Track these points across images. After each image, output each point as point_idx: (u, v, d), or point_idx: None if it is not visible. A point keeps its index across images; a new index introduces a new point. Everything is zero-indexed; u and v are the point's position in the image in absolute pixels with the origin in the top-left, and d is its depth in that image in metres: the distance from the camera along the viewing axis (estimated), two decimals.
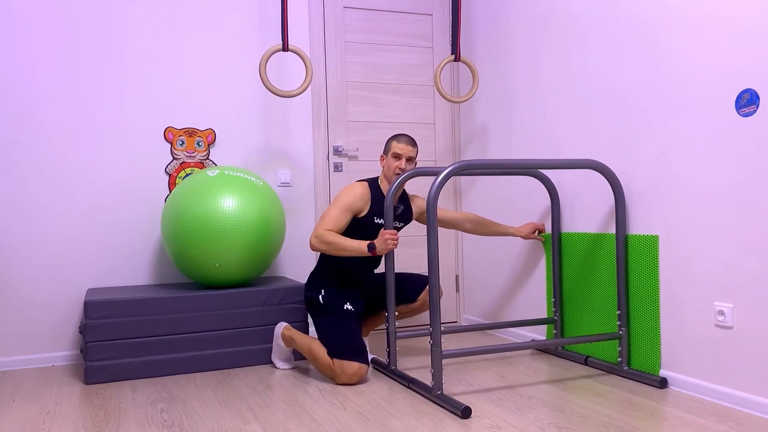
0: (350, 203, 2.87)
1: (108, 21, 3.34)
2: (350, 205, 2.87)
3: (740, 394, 2.33)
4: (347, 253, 2.77)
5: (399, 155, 2.93)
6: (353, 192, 2.89)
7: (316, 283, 2.97)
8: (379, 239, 2.76)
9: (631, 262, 2.75)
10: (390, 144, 2.97)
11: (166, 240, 3.10)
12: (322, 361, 2.77)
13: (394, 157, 2.94)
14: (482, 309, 3.88)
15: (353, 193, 2.89)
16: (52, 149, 3.24)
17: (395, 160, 2.93)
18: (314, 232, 2.81)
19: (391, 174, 2.95)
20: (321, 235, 2.78)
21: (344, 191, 2.90)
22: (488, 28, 3.75)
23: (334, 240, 2.76)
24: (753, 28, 2.25)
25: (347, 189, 2.91)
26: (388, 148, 2.98)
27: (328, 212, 2.84)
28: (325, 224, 2.81)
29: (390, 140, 2.98)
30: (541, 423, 2.21)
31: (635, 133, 2.74)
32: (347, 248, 2.76)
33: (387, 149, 2.99)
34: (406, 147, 2.95)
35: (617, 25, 2.82)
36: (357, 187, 2.91)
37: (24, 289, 3.20)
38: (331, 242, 2.76)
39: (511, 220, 3.57)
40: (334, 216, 2.83)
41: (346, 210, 2.85)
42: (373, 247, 2.75)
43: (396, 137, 2.97)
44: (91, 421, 2.34)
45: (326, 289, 2.93)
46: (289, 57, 3.68)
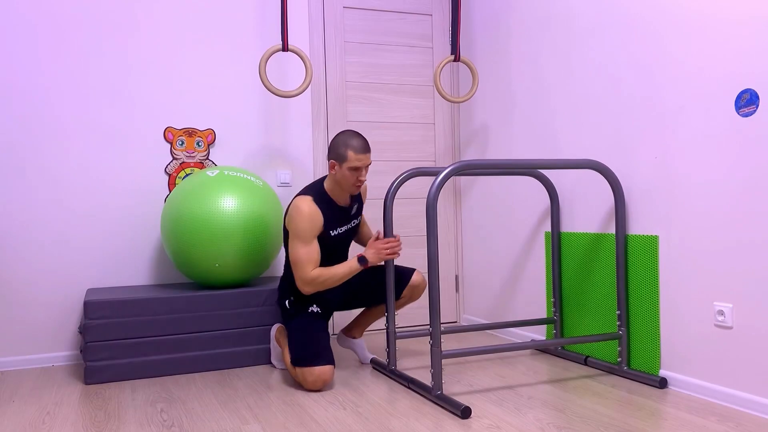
0: (311, 229, 2.65)
1: (108, 21, 3.33)
2: (311, 231, 2.65)
3: (740, 394, 2.33)
4: (343, 280, 2.69)
5: (358, 168, 2.66)
6: (307, 217, 2.64)
7: (285, 290, 2.87)
8: (369, 250, 2.67)
9: (631, 262, 2.75)
10: (346, 153, 2.63)
11: (165, 240, 3.10)
12: (290, 369, 2.75)
13: (352, 170, 2.66)
14: (482, 309, 3.88)
15: (308, 219, 2.64)
16: (52, 149, 3.24)
17: (353, 172, 2.67)
18: (302, 279, 2.64)
19: (348, 185, 2.70)
20: (312, 279, 2.64)
21: (297, 220, 2.63)
22: (488, 28, 3.75)
23: (326, 277, 2.65)
24: (753, 28, 2.25)
25: (298, 217, 2.64)
26: (342, 157, 2.64)
27: (299, 252, 2.63)
28: (307, 267, 2.64)
29: (344, 147, 2.63)
30: (541, 423, 2.21)
31: (635, 133, 2.75)
32: (342, 276, 2.67)
33: (340, 157, 2.64)
34: (365, 157, 2.66)
35: (617, 24, 2.82)
36: (305, 209, 2.64)
37: (24, 289, 3.20)
38: (324, 281, 2.65)
39: (511, 220, 3.57)
40: (307, 254, 2.64)
41: (311, 239, 2.66)
42: (364, 260, 2.67)
43: (351, 145, 2.63)
44: (91, 421, 2.34)
45: (295, 295, 2.81)
46: (289, 57, 3.68)
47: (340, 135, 2.70)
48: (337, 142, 2.67)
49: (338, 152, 2.66)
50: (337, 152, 2.66)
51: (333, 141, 2.71)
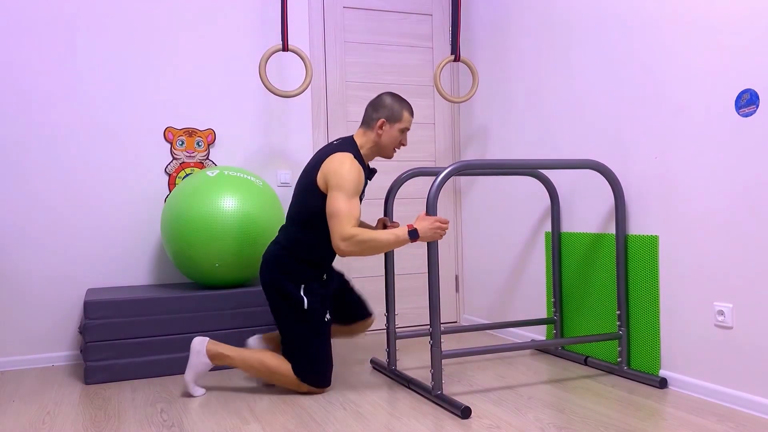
0: (358, 184, 2.42)
1: (108, 21, 3.33)
2: (358, 186, 2.42)
3: (740, 394, 2.33)
4: (385, 249, 2.37)
5: (406, 130, 2.56)
6: (357, 172, 2.42)
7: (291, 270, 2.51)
8: (423, 224, 2.36)
9: (631, 262, 2.75)
10: (401, 113, 2.53)
11: (165, 240, 3.10)
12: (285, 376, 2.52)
13: (402, 131, 2.55)
14: (482, 309, 3.88)
15: (357, 174, 2.42)
16: (52, 149, 3.24)
17: (401, 135, 2.55)
18: (341, 234, 2.34)
19: (390, 148, 2.56)
20: (352, 235, 2.33)
21: (346, 172, 2.40)
22: (488, 28, 3.75)
23: (368, 238, 2.33)
24: (753, 28, 2.25)
25: (348, 169, 2.40)
26: (397, 116, 2.52)
27: (342, 204, 2.36)
28: (348, 221, 2.35)
29: (399, 106, 2.53)
30: (541, 423, 2.21)
31: (635, 133, 2.75)
32: (386, 244, 2.35)
33: (394, 117, 2.52)
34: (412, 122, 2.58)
35: (617, 24, 2.82)
36: (355, 164, 2.43)
37: (24, 289, 3.20)
38: (367, 241, 2.33)
39: (511, 220, 3.57)
40: (351, 207, 2.37)
41: (356, 194, 2.41)
42: (415, 234, 2.35)
43: (408, 107, 2.55)
44: (91, 421, 2.34)
45: (308, 285, 2.51)
46: (289, 57, 3.68)
47: (389, 95, 2.55)
48: (389, 102, 2.52)
49: (393, 111, 2.51)
50: (391, 111, 2.51)
51: (380, 101, 2.55)
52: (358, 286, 3.85)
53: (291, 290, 2.50)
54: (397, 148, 2.60)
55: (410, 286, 3.98)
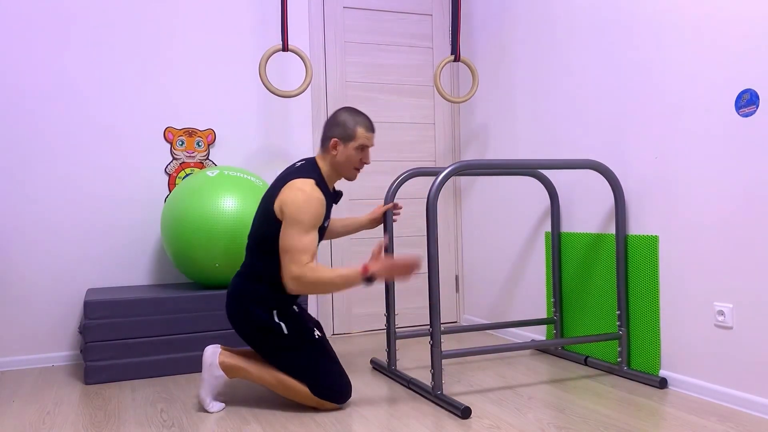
0: (316, 218, 2.25)
1: (108, 21, 3.33)
2: (316, 220, 2.25)
3: (740, 394, 2.33)
4: (336, 290, 2.25)
5: (365, 148, 2.37)
6: (316, 203, 2.25)
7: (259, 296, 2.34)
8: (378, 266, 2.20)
9: (631, 262, 2.75)
10: (354, 130, 2.33)
11: (165, 240, 3.10)
12: (304, 395, 2.35)
13: (359, 149, 2.36)
14: (482, 309, 3.88)
15: (317, 205, 2.25)
16: (52, 149, 3.24)
17: (360, 152, 2.37)
18: (289, 272, 2.21)
19: (350, 169, 2.38)
20: (300, 276, 2.20)
21: (304, 205, 2.23)
22: (488, 28, 3.75)
23: (318, 281, 2.21)
24: (753, 28, 2.25)
25: (306, 201, 2.23)
26: (349, 135, 2.33)
27: (296, 240, 2.21)
28: (301, 257, 2.20)
29: (356, 124, 2.34)
30: (541, 423, 2.21)
31: (635, 133, 2.74)
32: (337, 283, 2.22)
33: (347, 135, 2.33)
34: (373, 137, 2.38)
35: (617, 24, 2.82)
36: (315, 195, 2.26)
37: (24, 289, 3.20)
38: (316, 280, 2.20)
39: (511, 220, 3.57)
40: (306, 245, 2.21)
41: (313, 228, 2.25)
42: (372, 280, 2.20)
43: (363, 122, 2.35)
44: (91, 422, 2.34)
45: (281, 309, 2.35)
46: (289, 57, 3.67)
47: (344, 111, 2.38)
48: (342, 119, 2.35)
49: (346, 128, 2.33)
50: (344, 128, 2.34)
51: (334, 118, 2.39)
52: None
53: (264, 318, 2.32)
54: (359, 168, 2.40)
55: (410, 286, 3.98)
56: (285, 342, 2.34)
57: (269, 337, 2.34)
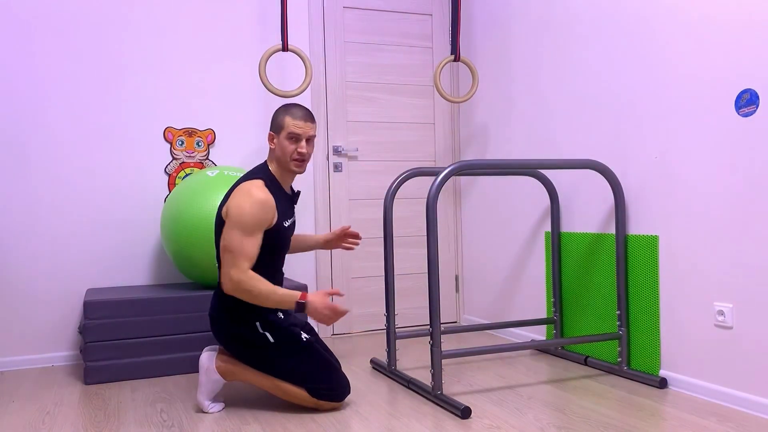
0: (259, 220, 2.22)
1: (108, 21, 3.33)
2: (259, 222, 2.23)
3: (740, 394, 2.33)
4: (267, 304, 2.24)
5: (297, 136, 2.32)
6: (258, 204, 2.22)
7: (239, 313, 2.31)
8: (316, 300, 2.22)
9: (631, 262, 2.75)
10: (282, 120, 2.32)
11: (165, 240, 3.10)
12: (301, 397, 2.36)
13: (290, 138, 2.31)
14: (482, 309, 3.88)
15: (259, 206, 2.22)
16: (52, 149, 3.24)
17: (292, 142, 2.32)
18: (228, 273, 2.21)
19: (288, 160, 2.33)
20: (239, 281, 2.19)
21: (245, 206, 2.21)
22: (488, 28, 3.75)
23: (254, 290, 2.20)
24: (753, 28, 2.25)
25: (247, 202, 2.21)
26: (279, 125, 2.33)
27: (236, 242, 2.20)
28: (241, 260, 2.19)
29: (281, 114, 2.34)
30: (541, 423, 2.21)
31: (635, 133, 2.74)
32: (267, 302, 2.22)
33: (277, 126, 2.33)
34: (305, 124, 2.32)
35: (617, 24, 2.82)
36: (259, 195, 2.23)
37: (24, 288, 3.20)
38: (250, 292, 2.20)
39: (511, 219, 3.57)
40: (246, 245, 2.20)
41: (256, 231, 2.23)
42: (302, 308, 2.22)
43: (288, 110, 2.33)
44: (91, 422, 2.34)
45: (263, 320, 2.32)
46: (288, 57, 3.67)
47: (280, 107, 2.40)
48: (276, 113, 2.37)
49: (276, 120, 2.35)
50: (274, 121, 2.36)
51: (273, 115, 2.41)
52: (358, 286, 3.85)
53: (248, 333, 2.31)
54: (297, 159, 2.34)
55: (410, 286, 3.98)
56: (274, 351, 2.33)
57: (257, 350, 2.34)
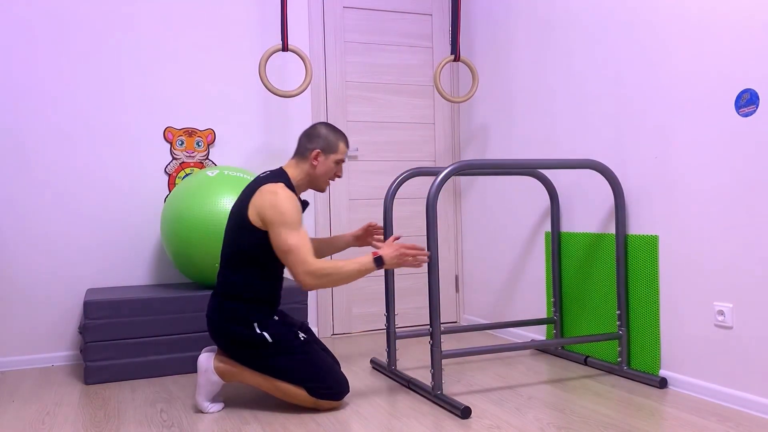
0: (298, 214, 2.31)
1: (108, 21, 3.33)
2: (299, 216, 2.31)
3: (740, 394, 2.33)
4: (351, 280, 2.29)
5: (342, 162, 2.50)
6: (293, 199, 2.32)
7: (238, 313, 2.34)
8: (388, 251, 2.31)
9: (631, 262, 2.75)
10: (337, 145, 2.46)
11: (165, 240, 3.10)
12: (300, 397, 2.36)
13: (337, 163, 2.48)
14: (482, 309, 3.88)
15: (294, 201, 2.32)
16: (52, 149, 3.24)
17: (337, 166, 2.48)
18: (305, 270, 2.24)
19: (325, 180, 2.48)
20: (317, 269, 2.24)
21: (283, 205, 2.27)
22: (488, 28, 3.75)
23: (334, 271, 2.26)
24: (753, 28, 2.25)
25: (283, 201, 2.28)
26: (332, 148, 2.45)
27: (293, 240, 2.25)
28: (307, 255, 2.25)
29: (338, 140, 2.46)
30: (541, 423, 2.21)
31: (635, 133, 2.74)
32: (351, 273, 2.27)
33: (330, 148, 2.45)
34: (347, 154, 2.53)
35: (617, 24, 2.82)
36: (288, 194, 2.32)
37: (24, 289, 3.20)
38: (332, 274, 2.26)
39: (511, 220, 3.57)
40: (303, 239, 2.27)
41: (300, 224, 2.31)
42: (380, 262, 2.28)
43: (344, 138, 2.49)
44: (91, 421, 2.34)
45: (261, 322, 2.35)
46: (288, 57, 3.67)
47: (323, 126, 2.48)
48: (325, 132, 2.45)
49: (329, 142, 2.44)
50: (327, 141, 2.44)
51: (315, 130, 2.46)
52: (358, 286, 3.85)
53: (246, 333, 2.32)
54: (332, 180, 2.50)
55: (410, 286, 3.99)
56: (271, 350, 2.34)
57: (256, 350, 2.34)
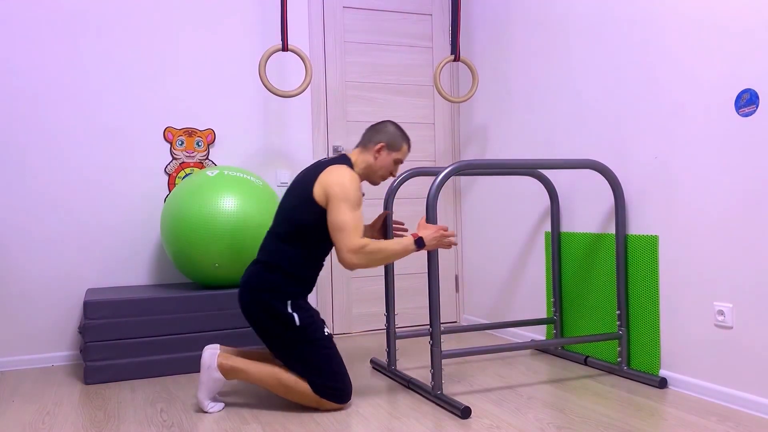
0: (358, 194, 2.36)
1: (108, 21, 3.33)
2: (360, 198, 2.37)
3: (740, 394, 2.33)
4: (394, 259, 2.36)
5: (400, 162, 2.59)
6: (358, 183, 2.39)
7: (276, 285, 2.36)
8: (427, 232, 2.36)
9: (631, 262, 2.75)
10: (401, 145, 2.55)
11: (165, 240, 3.10)
12: (303, 394, 2.36)
13: (396, 162, 2.56)
14: (482, 309, 3.88)
15: (357, 183, 2.38)
16: (52, 149, 3.24)
17: (394, 165, 2.57)
18: (350, 247, 2.28)
19: (380, 174, 2.55)
20: (361, 247, 2.29)
21: (348, 184, 2.35)
22: (488, 28, 3.75)
23: (378, 248, 2.31)
24: (753, 28, 2.25)
25: (350, 181, 2.36)
26: (397, 145, 2.54)
27: (348, 216, 2.31)
28: (355, 233, 2.30)
29: (401, 137, 2.55)
30: (541, 423, 2.21)
31: (635, 133, 2.75)
32: (394, 253, 2.33)
33: (395, 145, 2.53)
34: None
35: (617, 24, 2.82)
36: (355, 176, 2.40)
37: (24, 289, 3.20)
38: (376, 252, 2.30)
39: (511, 220, 3.57)
40: (356, 219, 2.32)
41: (359, 206, 2.36)
42: (421, 243, 2.35)
43: (407, 139, 2.58)
44: (91, 421, 2.34)
45: (295, 301, 2.37)
46: (288, 57, 3.67)
47: (392, 124, 2.56)
48: (393, 130, 2.54)
49: (394, 139, 2.53)
50: (393, 139, 2.52)
51: (383, 126, 2.55)
52: (358, 286, 3.85)
53: (278, 307, 2.34)
54: (386, 177, 2.56)
55: (410, 286, 3.99)
56: (295, 334, 2.34)
57: (280, 328, 2.34)
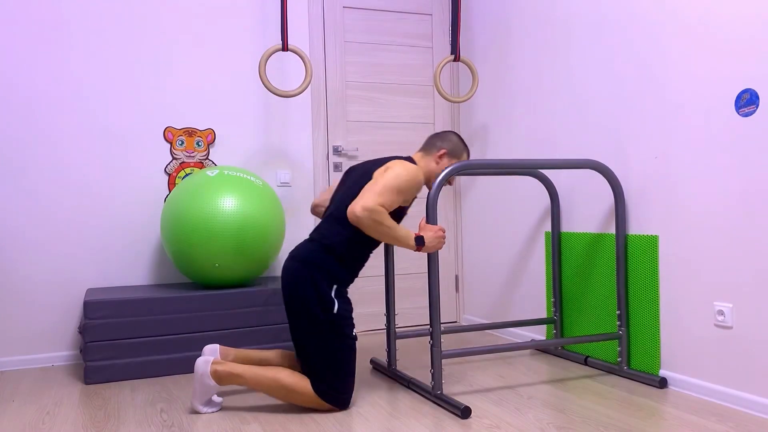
0: (409, 188, 2.39)
1: (108, 21, 3.33)
2: (408, 189, 2.38)
3: (740, 394, 2.33)
4: (391, 241, 2.34)
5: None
6: (416, 178, 2.41)
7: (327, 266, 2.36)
8: (428, 234, 2.38)
9: (631, 262, 2.75)
10: (462, 155, 2.63)
11: (165, 240, 3.10)
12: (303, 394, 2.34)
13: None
14: (482, 309, 3.88)
15: (416, 179, 2.41)
16: (52, 149, 3.24)
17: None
18: (363, 203, 2.27)
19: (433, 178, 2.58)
20: (374, 209, 2.27)
21: (405, 175, 2.37)
22: (488, 28, 3.75)
23: (385, 221, 2.29)
24: (753, 28, 2.25)
25: (411, 171, 2.40)
26: (457, 155, 2.61)
27: (385, 187, 2.32)
28: (379, 199, 2.29)
29: (463, 151, 2.64)
30: (541, 423, 2.21)
31: (635, 133, 2.75)
32: (395, 236, 2.32)
33: (456, 154, 2.61)
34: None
35: (617, 24, 2.82)
36: (419, 176, 2.42)
37: (24, 289, 3.20)
38: (381, 223, 2.28)
39: (511, 219, 3.57)
40: (385, 195, 2.31)
41: (401, 193, 2.37)
42: (422, 242, 2.37)
43: (469, 152, 2.68)
44: (91, 421, 2.34)
45: (340, 287, 2.38)
46: (288, 57, 3.68)
47: (455, 134, 2.64)
48: (456, 139, 2.62)
49: (456, 148, 2.61)
50: (455, 147, 2.60)
51: (447, 135, 2.62)
52: (358, 286, 3.85)
53: (322, 288, 2.33)
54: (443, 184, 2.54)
55: (410, 286, 3.99)
56: (328, 322, 2.32)
57: (318, 309, 2.32)
